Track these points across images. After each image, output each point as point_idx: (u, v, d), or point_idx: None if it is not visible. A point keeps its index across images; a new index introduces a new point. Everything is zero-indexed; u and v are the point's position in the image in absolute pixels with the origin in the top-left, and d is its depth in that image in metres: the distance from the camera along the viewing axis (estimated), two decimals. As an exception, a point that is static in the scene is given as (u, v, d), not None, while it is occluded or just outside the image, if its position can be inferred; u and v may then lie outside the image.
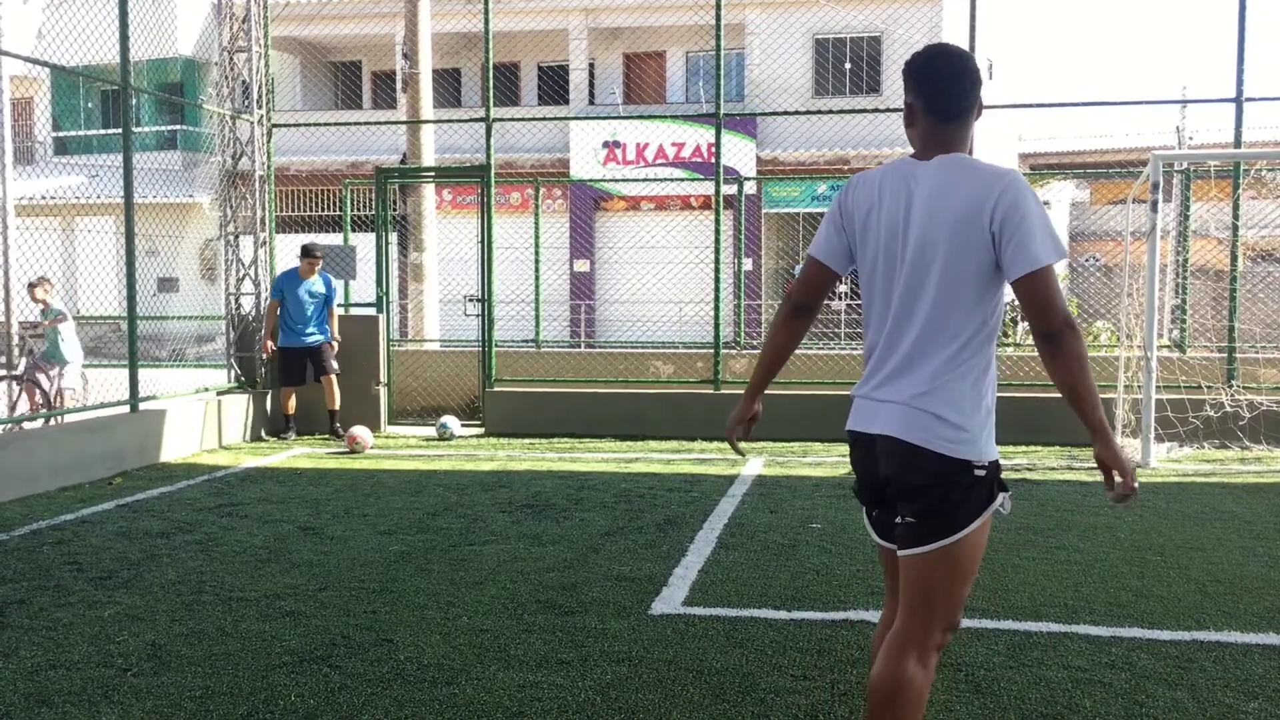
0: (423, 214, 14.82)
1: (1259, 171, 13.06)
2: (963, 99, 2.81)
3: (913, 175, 2.81)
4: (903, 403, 2.74)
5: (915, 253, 2.75)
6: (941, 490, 2.70)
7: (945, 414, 2.69)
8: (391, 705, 3.82)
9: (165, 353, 13.71)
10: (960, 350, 2.72)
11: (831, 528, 6.52)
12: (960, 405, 2.70)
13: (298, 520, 6.83)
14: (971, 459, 2.70)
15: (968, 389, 2.72)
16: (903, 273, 2.77)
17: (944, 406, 2.70)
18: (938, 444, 2.68)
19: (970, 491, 2.71)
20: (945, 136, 2.82)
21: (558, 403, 11.02)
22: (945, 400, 2.70)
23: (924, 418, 2.70)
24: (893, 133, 22.99)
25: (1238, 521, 6.71)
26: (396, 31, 21.34)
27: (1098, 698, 3.87)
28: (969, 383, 2.72)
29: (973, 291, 2.71)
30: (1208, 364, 10.53)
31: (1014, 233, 2.64)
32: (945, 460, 2.68)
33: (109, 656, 4.31)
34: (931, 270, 2.72)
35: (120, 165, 9.19)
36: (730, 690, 3.95)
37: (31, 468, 7.74)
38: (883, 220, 2.82)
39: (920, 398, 2.72)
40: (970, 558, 2.75)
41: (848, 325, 21.92)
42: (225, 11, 11.30)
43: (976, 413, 2.72)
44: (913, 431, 2.71)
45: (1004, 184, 2.67)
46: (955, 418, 2.69)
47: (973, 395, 2.73)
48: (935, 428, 2.69)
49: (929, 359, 2.73)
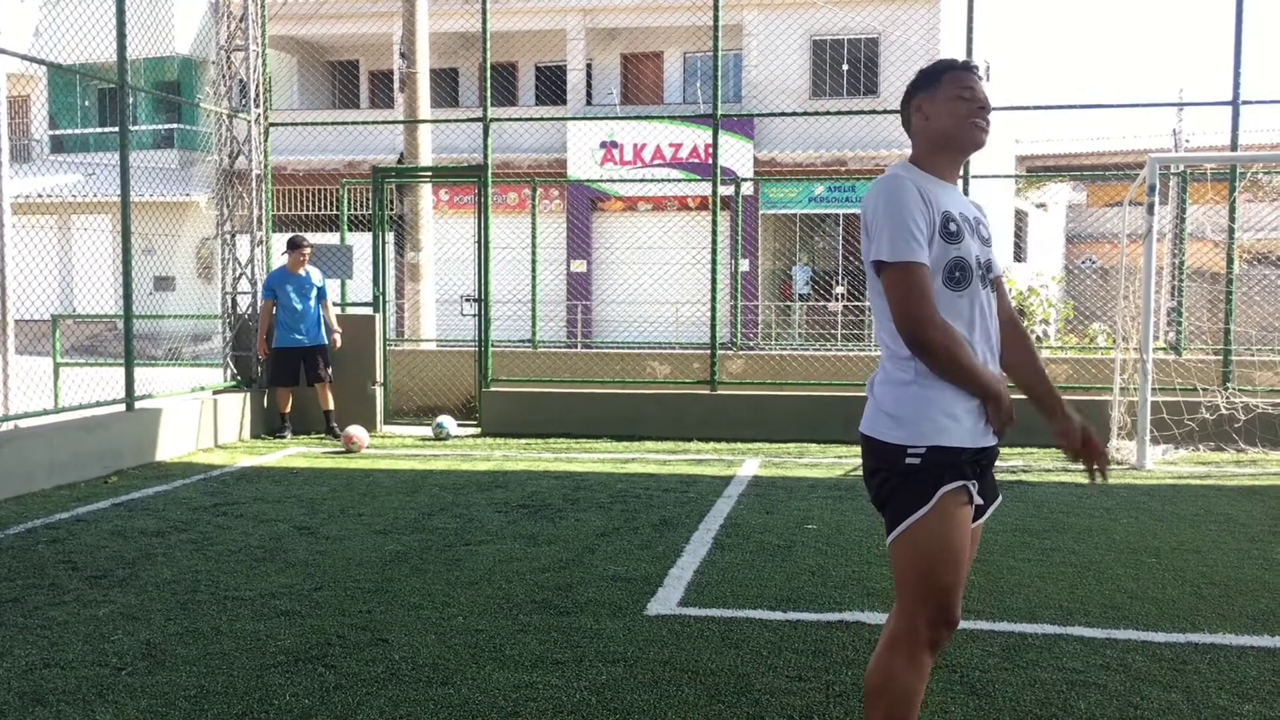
0: (420, 213, 14.81)
1: (1255, 174, 13.08)
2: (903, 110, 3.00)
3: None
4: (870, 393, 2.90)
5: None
6: (882, 477, 2.78)
7: (878, 402, 2.81)
8: (386, 705, 3.81)
9: (161, 351, 13.70)
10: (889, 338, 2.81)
11: (827, 529, 6.53)
12: (885, 393, 2.80)
13: (293, 520, 6.82)
14: (895, 443, 2.74)
15: (899, 378, 2.78)
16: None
17: (878, 395, 2.83)
18: (878, 432, 2.78)
19: (906, 479, 2.73)
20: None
21: (554, 403, 11.02)
22: (878, 389, 2.83)
23: (869, 407, 2.85)
24: (890, 134, 23.01)
25: (1233, 524, 6.72)
26: (394, 31, 21.33)
27: (1092, 699, 3.87)
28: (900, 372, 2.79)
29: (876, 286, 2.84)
30: (1203, 366, 10.54)
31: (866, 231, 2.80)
32: (885, 448, 2.76)
33: (103, 655, 4.30)
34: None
35: (117, 163, 9.17)
36: (725, 691, 3.95)
37: (27, 466, 7.73)
38: None
39: (871, 390, 2.88)
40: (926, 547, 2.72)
41: (845, 326, 21.93)
42: (223, 10, 11.29)
43: (894, 394, 2.77)
44: (864, 421, 2.85)
45: (873, 185, 2.83)
46: (883, 404, 2.79)
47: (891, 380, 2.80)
48: (874, 417, 2.81)
49: (882, 350, 2.87)
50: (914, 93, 2.96)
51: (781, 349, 16.40)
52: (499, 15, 16.31)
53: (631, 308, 21.81)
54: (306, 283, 10.59)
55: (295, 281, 10.55)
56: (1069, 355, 13.28)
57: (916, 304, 2.67)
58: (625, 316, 22.47)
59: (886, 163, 23.11)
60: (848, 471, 8.66)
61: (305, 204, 24.96)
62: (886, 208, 2.72)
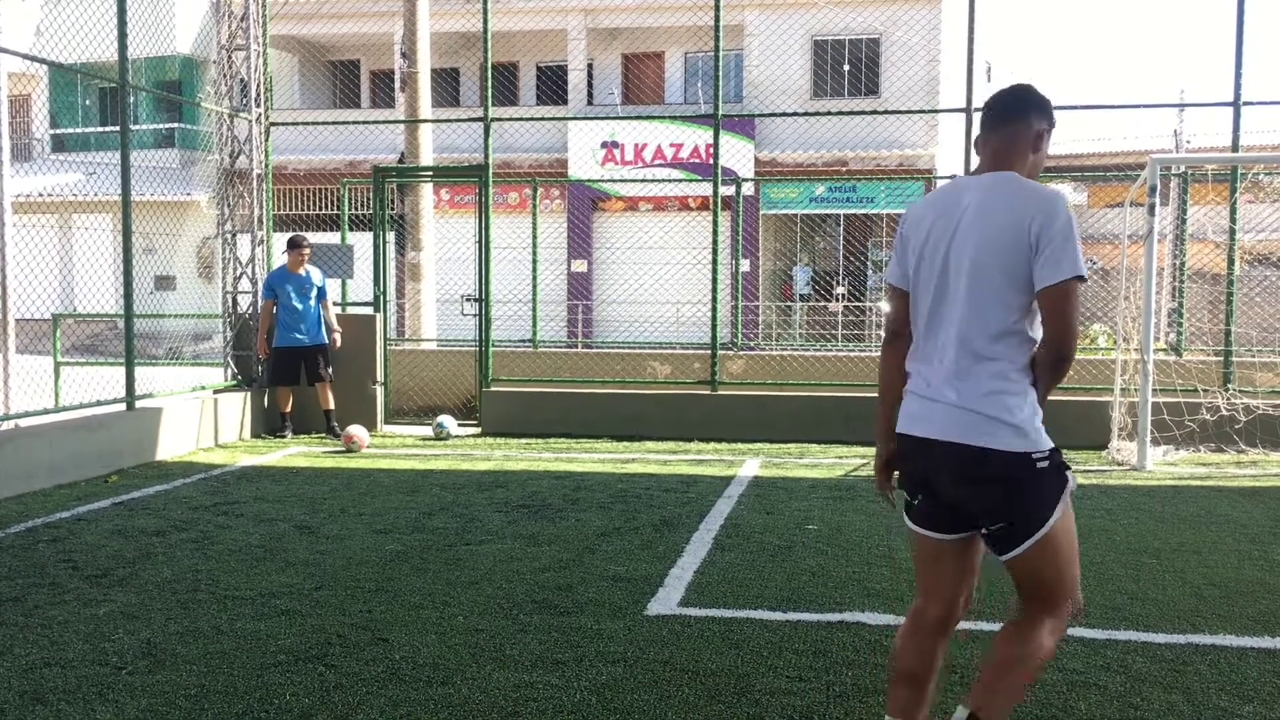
0: (420, 213, 14.81)
1: (1256, 175, 13.07)
2: (1007, 110, 3.05)
3: (963, 188, 3.03)
4: (965, 407, 2.90)
5: (957, 262, 2.95)
6: (1013, 486, 2.86)
7: (1000, 415, 2.85)
8: (387, 704, 3.81)
9: (162, 351, 13.69)
10: (1003, 353, 2.90)
11: (827, 529, 6.53)
12: (1009, 405, 2.87)
13: (293, 519, 6.83)
14: (1030, 450, 2.85)
15: (1019, 388, 2.89)
16: (944, 281, 2.97)
17: (997, 409, 2.86)
18: (1001, 443, 2.84)
19: (1039, 483, 2.88)
20: (993, 148, 3.04)
21: (554, 403, 11.01)
22: (997, 403, 2.87)
23: (980, 421, 2.87)
24: (891, 134, 23.02)
25: (1233, 525, 6.72)
26: (395, 30, 21.33)
27: (1093, 700, 3.87)
28: (1014, 383, 2.89)
29: (1011, 298, 2.88)
30: (1204, 367, 10.54)
31: (1047, 247, 2.84)
32: (1017, 458, 2.84)
33: (104, 654, 4.30)
34: (971, 279, 2.91)
35: (118, 163, 9.17)
36: (725, 691, 3.95)
37: (27, 465, 7.73)
38: (932, 234, 3.02)
39: (976, 399, 2.89)
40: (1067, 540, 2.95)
41: (845, 327, 21.93)
42: (224, 9, 11.29)
43: (1023, 406, 2.87)
44: (973, 434, 2.87)
45: (1047, 201, 2.88)
46: (1006, 416, 2.85)
47: (1023, 396, 2.89)
48: (992, 429, 2.85)
49: (976, 365, 2.91)
50: (1043, 118, 3.07)
51: (782, 349, 16.40)
52: (500, 15, 16.32)
53: (632, 308, 21.80)
54: (307, 282, 10.59)
55: (295, 281, 10.55)
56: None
57: (1077, 321, 2.87)
58: (626, 316, 22.46)
59: (887, 163, 23.15)
60: (848, 472, 8.66)
61: (306, 203, 24.96)
62: (1073, 227, 2.86)
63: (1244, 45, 10.13)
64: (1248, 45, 10.13)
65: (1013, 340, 2.88)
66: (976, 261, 2.90)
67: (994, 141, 3.05)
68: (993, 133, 3.06)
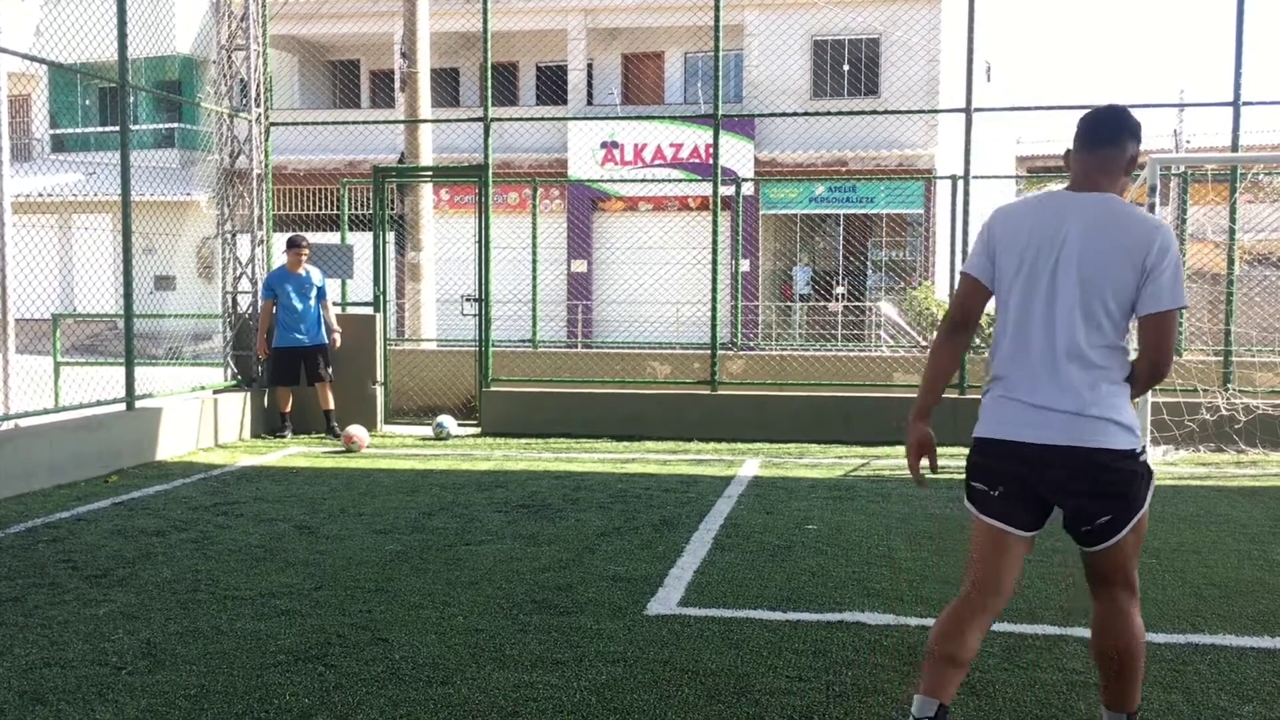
0: (420, 213, 14.81)
1: (1256, 175, 13.08)
2: (1106, 133, 3.22)
3: (1066, 203, 3.20)
4: (1080, 413, 3.09)
5: (1065, 274, 3.13)
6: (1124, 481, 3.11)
7: (1113, 416, 3.09)
8: (387, 704, 3.81)
9: (162, 351, 13.69)
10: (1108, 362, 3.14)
11: (827, 529, 6.53)
12: (1119, 407, 3.12)
13: (293, 519, 6.83)
14: (1134, 447, 3.12)
15: (1125, 396, 3.16)
16: (1052, 293, 3.14)
17: (1110, 411, 3.09)
18: (1115, 442, 3.08)
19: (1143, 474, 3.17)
20: (1090, 168, 3.22)
21: (554, 403, 11.01)
22: (1108, 406, 3.10)
23: (1096, 424, 3.08)
24: (891, 135, 23.02)
25: (1233, 525, 6.72)
26: (395, 30, 21.33)
27: (1093, 700, 3.87)
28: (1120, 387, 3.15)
29: (1116, 315, 3.13)
30: (1204, 367, 10.54)
31: (1160, 276, 3.08)
32: (1126, 455, 3.09)
33: (104, 654, 4.30)
34: (1082, 292, 3.11)
35: (118, 163, 9.17)
36: (725, 691, 3.95)
37: (27, 465, 7.73)
38: (1033, 242, 3.17)
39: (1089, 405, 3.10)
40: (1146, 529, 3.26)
41: (845, 327, 21.93)
42: (223, 9, 11.28)
43: (1127, 410, 3.14)
44: (1090, 437, 3.08)
45: (1161, 232, 3.12)
46: (1119, 418, 3.10)
47: (1125, 400, 3.17)
48: (1107, 431, 3.08)
49: (1085, 373, 3.11)
50: (1136, 142, 3.25)
51: (782, 349, 16.40)
52: (500, 15, 16.31)
53: (632, 308, 21.80)
54: (306, 282, 10.59)
55: (295, 281, 10.55)
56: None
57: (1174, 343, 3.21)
58: (626, 316, 22.46)
59: (887, 163, 23.15)
60: (848, 472, 8.66)
61: (306, 203, 24.95)
62: (1180, 259, 3.14)
63: (1244, 45, 10.13)
64: (1247, 45, 10.13)
65: (1116, 352, 3.14)
66: (1088, 278, 3.10)
67: (1091, 162, 3.22)
68: (1090, 153, 3.23)
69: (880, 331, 20.01)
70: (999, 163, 24.88)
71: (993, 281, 3.24)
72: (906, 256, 24.00)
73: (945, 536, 6.35)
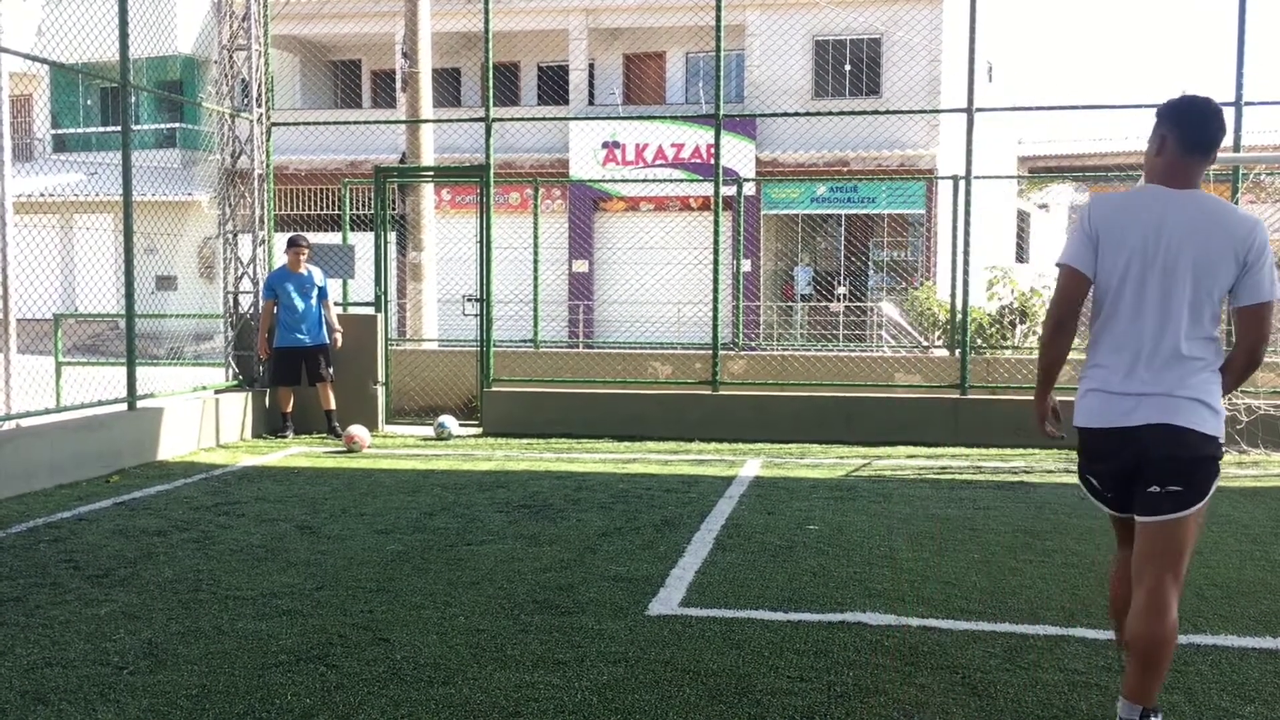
0: (422, 213, 14.81)
1: (1258, 175, 13.06)
2: (1212, 135, 3.42)
3: (1165, 201, 3.38)
4: (1171, 394, 3.31)
5: (1169, 268, 3.32)
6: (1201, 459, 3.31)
7: (1205, 399, 3.31)
8: (388, 705, 3.81)
9: (163, 351, 13.71)
10: (1207, 352, 3.35)
11: (828, 529, 6.53)
12: (1212, 393, 3.33)
13: (295, 519, 6.83)
14: (1218, 435, 3.33)
15: (1214, 379, 3.36)
16: (1165, 287, 3.33)
17: (1203, 394, 3.31)
18: (1202, 425, 3.29)
19: (1216, 463, 3.36)
20: (1186, 168, 3.40)
21: (555, 403, 11.01)
22: (1203, 390, 3.32)
23: (1189, 404, 3.30)
24: (892, 134, 23.01)
25: (1234, 525, 6.72)
26: (396, 30, 21.34)
27: (1094, 700, 3.87)
28: (1217, 375, 3.37)
29: (1215, 307, 3.35)
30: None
31: (1257, 270, 3.31)
32: (1208, 440, 3.31)
33: (105, 654, 4.30)
34: (1192, 288, 3.31)
35: (119, 163, 9.17)
36: (726, 691, 3.95)
37: (29, 465, 7.73)
38: (1135, 236, 3.36)
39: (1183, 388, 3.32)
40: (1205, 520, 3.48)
41: (846, 327, 21.93)
42: (225, 9, 11.29)
43: (1218, 397, 3.35)
44: (1178, 416, 3.29)
45: (1259, 228, 3.34)
46: (1211, 401, 3.32)
47: (1216, 384, 3.37)
48: (1199, 412, 3.30)
49: (1187, 361, 3.33)
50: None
51: (783, 349, 16.40)
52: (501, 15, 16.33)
53: (633, 308, 21.81)
54: (308, 282, 10.59)
55: (296, 280, 10.54)
56: (1071, 356, 13.24)
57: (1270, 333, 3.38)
58: (627, 317, 22.46)
59: (888, 163, 23.14)
60: (849, 472, 8.66)
61: (307, 204, 24.97)
62: (1271, 253, 3.35)
63: (1245, 45, 10.12)
64: (1249, 45, 10.12)
65: (1213, 343, 3.36)
66: (1197, 273, 3.31)
67: (1192, 162, 3.40)
68: (1192, 155, 3.40)
69: (882, 332, 20.00)
70: (1001, 163, 24.88)
71: (1095, 273, 3.40)
72: (908, 257, 24.00)
73: (946, 537, 6.35)
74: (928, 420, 10.19)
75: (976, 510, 7.11)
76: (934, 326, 15.97)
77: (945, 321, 14.44)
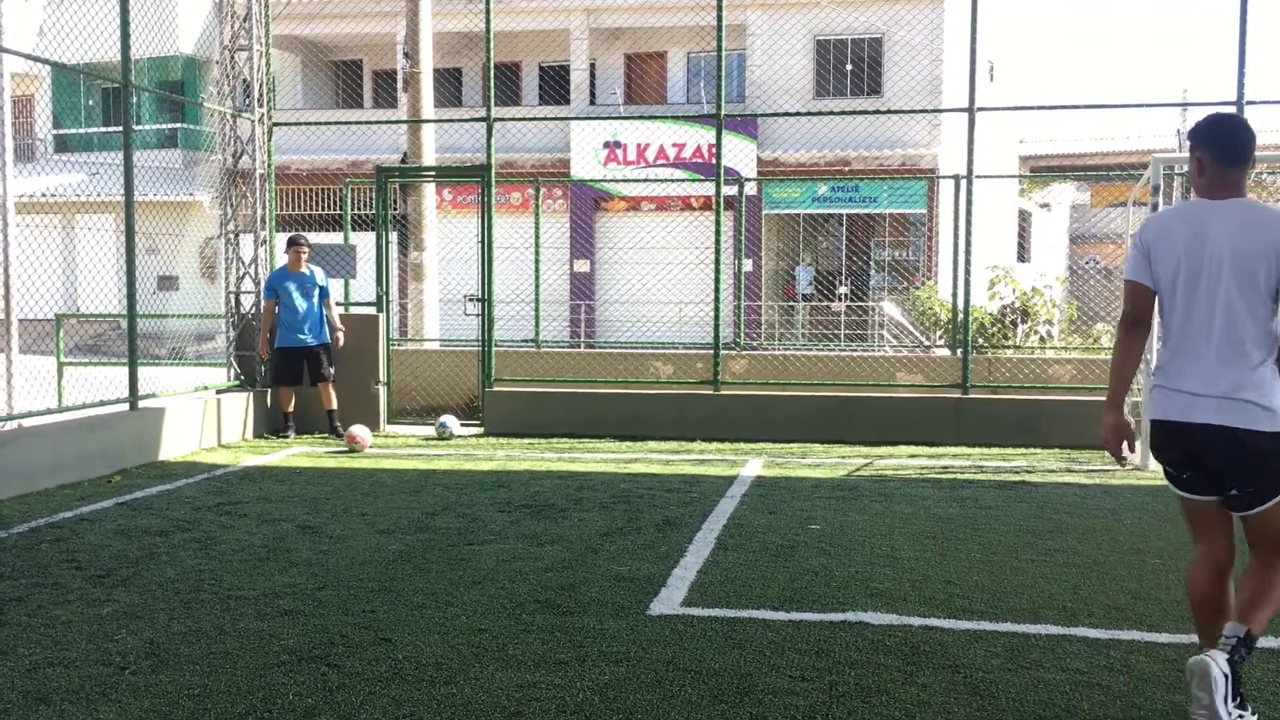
0: (423, 213, 14.82)
1: (1259, 175, 13.06)
2: (1245, 150, 3.63)
3: (1208, 211, 3.62)
4: (1227, 397, 3.52)
5: (1214, 273, 3.54)
6: (1267, 458, 3.51)
7: (1258, 400, 3.50)
8: (390, 704, 3.81)
9: (165, 351, 13.72)
10: (1261, 352, 3.53)
11: (830, 529, 6.52)
12: (1265, 392, 3.51)
13: (296, 519, 6.83)
14: (1277, 429, 3.49)
15: (1270, 376, 3.54)
16: (1212, 293, 3.55)
17: (1256, 395, 3.50)
18: (1257, 424, 3.48)
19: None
20: (1231, 180, 3.63)
21: (557, 403, 11.01)
22: (1256, 390, 3.51)
23: (1243, 407, 3.50)
24: (893, 134, 23.01)
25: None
26: (398, 30, 21.35)
27: (1096, 700, 3.87)
28: (1272, 374, 3.55)
29: (1265, 308, 3.53)
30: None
31: None
32: (1269, 436, 3.48)
33: (107, 654, 4.31)
34: (1239, 291, 3.52)
35: (120, 163, 9.18)
36: (728, 691, 3.95)
37: (30, 465, 7.73)
38: (1188, 247, 3.60)
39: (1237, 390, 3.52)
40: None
41: (848, 326, 21.93)
42: (226, 10, 11.29)
43: (1275, 394, 3.52)
44: (1233, 418, 3.50)
45: None
46: (1264, 401, 3.50)
47: (1274, 384, 3.54)
48: (1252, 413, 3.49)
49: (1241, 362, 3.53)
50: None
51: (785, 349, 16.40)
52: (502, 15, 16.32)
53: (635, 308, 21.81)
54: (309, 281, 10.59)
55: (297, 280, 10.55)
56: (1073, 356, 13.26)
57: None
58: (628, 316, 22.47)
59: (890, 163, 23.14)
60: (851, 472, 8.66)
61: (308, 204, 24.98)
62: None
63: (1247, 44, 10.11)
64: (1251, 45, 10.11)
65: (1267, 341, 3.54)
66: (1242, 275, 3.51)
67: (1231, 175, 3.61)
68: (1231, 168, 3.62)
69: (883, 331, 20.00)
70: (1002, 162, 24.88)
71: (1155, 283, 3.68)
72: (909, 256, 24.00)
73: (948, 537, 6.34)
74: (929, 420, 10.19)
75: (978, 510, 7.11)
76: (935, 326, 15.97)
77: (947, 321, 14.45)
